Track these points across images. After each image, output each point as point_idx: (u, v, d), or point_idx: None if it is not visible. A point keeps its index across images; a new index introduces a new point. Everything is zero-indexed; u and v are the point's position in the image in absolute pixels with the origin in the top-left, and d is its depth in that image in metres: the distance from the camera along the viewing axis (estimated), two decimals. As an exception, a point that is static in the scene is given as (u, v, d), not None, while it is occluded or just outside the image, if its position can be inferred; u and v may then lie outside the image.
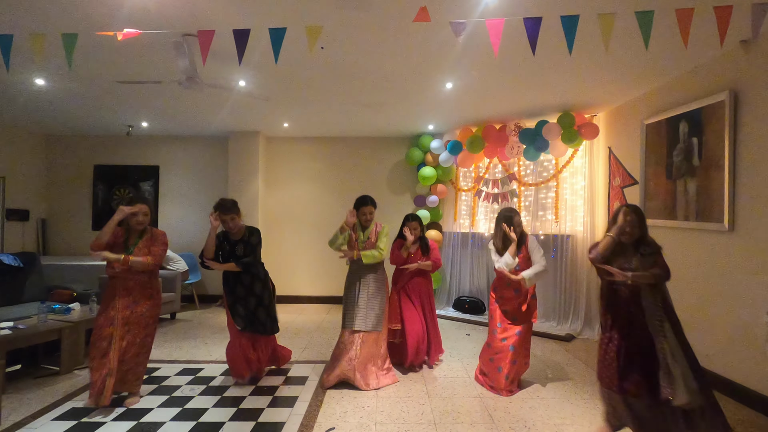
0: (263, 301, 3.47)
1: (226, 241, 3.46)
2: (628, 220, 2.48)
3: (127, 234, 3.13)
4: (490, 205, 6.02)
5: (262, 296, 3.47)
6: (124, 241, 3.09)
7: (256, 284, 3.47)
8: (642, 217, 2.51)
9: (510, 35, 2.97)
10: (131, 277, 3.06)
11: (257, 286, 3.47)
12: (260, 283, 3.49)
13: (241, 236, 3.46)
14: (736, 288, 3.26)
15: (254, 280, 3.46)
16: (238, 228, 3.44)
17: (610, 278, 2.48)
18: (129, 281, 3.06)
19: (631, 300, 2.45)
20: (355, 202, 3.64)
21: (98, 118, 5.71)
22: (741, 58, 3.24)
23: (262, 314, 3.46)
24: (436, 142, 6.11)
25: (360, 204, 3.61)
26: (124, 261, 2.98)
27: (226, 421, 2.87)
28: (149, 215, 3.15)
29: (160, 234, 3.21)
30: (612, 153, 4.96)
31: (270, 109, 5.22)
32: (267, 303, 3.49)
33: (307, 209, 6.83)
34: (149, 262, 3.06)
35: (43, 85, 4.30)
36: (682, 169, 3.79)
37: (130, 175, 6.90)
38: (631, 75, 3.92)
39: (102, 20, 2.88)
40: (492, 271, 6.06)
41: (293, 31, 2.80)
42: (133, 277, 3.06)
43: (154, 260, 3.09)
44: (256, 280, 3.47)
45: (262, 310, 3.46)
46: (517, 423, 2.88)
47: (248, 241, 3.46)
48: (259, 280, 3.49)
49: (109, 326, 2.98)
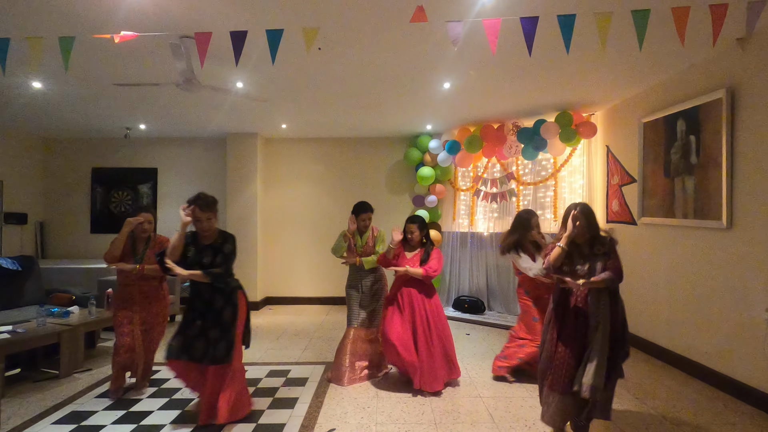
0: (222, 319, 2.82)
1: (194, 244, 2.86)
2: (577, 225, 2.47)
3: (133, 242, 3.32)
4: (488, 205, 6.02)
5: (221, 313, 2.82)
6: (131, 249, 3.30)
7: (217, 299, 2.83)
8: (592, 218, 2.50)
9: (507, 35, 2.97)
10: (146, 283, 3.32)
11: (218, 301, 2.83)
12: (223, 299, 2.84)
13: (212, 241, 2.88)
14: (734, 285, 3.27)
15: (215, 295, 2.83)
16: (212, 231, 2.89)
17: (563, 285, 2.51)
18: (144, 286, 3.32)
19: (578, 304, 2.49)
20: (354, 208, 3.68)
21: (96, 120, 5.70)
22: (738, 56, 3.24)
23: (214, 334, 2.77)
24: (434, 142, 6.11)
25: (359, 210, 3.66)
26: (139, 270, 3.24)
27: (226, 424, 2.86)
28: (153, 223, 3.36)
29: (165, 240, 3.36)
30: (610, 151, 4.96)
31: (268, 111, 5.21)
32: (227, 322, 2.81)
33: (306, 210, 6.83)
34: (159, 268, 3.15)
35: (40, 88, 4.30)
36: (680, 167, 3.80)
37: (129, 178, 6.89)
38: (629, 73, 3.92)
39: (99, 23, 2.88)
40: (491, 270, 6.07)
41: (290, 32, 2.79)
42: (147, 283, 3.32)
43: None
44: (218, 294, 2.83)
45: (216, 330, 2.78)
46: (518, 422, 2.88)
47: (220, 248, 2.87)
48: (223, 295, 2.85)
49: (129, 324, 3.26)
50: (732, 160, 3.28)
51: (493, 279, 6.08)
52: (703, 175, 3.54)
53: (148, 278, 3.32)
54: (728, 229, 3.31)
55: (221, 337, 2.77)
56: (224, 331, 2.79)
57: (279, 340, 4.83)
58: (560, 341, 2.51)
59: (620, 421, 2.87)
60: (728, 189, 3.28)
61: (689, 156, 3.69)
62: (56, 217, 6.89)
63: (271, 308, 6.59)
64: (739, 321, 3.22)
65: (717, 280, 3.43)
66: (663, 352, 4.03)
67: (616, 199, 4.82)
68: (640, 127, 4.34)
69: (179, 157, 6.91)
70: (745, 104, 3.19)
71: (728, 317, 3.33)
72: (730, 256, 3.31)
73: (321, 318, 5.90)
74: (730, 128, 3.28)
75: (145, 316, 3.32)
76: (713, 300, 3.47)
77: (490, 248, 6.07)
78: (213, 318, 2.80)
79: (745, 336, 3.16)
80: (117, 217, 6.88)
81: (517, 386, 3.49)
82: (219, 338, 2.76)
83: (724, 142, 3.30)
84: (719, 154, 3.35)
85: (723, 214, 3.30)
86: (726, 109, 3.28)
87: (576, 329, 2.47)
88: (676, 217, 3.83)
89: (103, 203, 6.90)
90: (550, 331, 2.59)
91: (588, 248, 2.52)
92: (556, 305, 2.58)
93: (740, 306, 3.22)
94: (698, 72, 3.64)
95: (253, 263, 6.41)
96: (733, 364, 3.29)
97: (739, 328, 3.22)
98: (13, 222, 6.23)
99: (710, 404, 3.15)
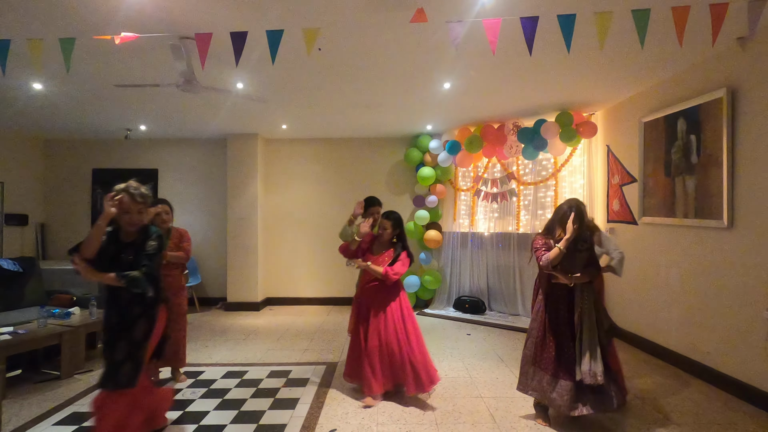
0: (133, 334, 2.32)
1: (114, 241, 2.38)
2: (575, 228, 2.66)
3: None
4: (489, 205, 6.02)
5: (133, 327, 2.33)
6: None
7: (134, 309, 2.35)
8: (584, 219, 2.73)
9: (507, 35, 2.98)
10: (169, 273, 3.42)
11: (134, 311, 2.35)
12: (140, 309, 2.36)
13: (134, 238, 2.42)
14: (735, 284, 3.27)
15: (132, 304, 2.36)
16: (134, 225, 2.42)
17: (555, 281, 2.78)
18: (168, 277, 3.38)
19: (566, 295, 2.78)
20: (364, 203, 3.64)
21: (96, 121, 5.70)
22: (738, 55, 3.24)
23: (121, 354, 2.29)
24: (434, 142, 6.11)
25: (369, 205, 3.66)
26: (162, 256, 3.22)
27: (227, 424, 2.86)
28: (170, 213, 3.45)
29: (184, 232, 3.55)
30: (610, 151, 4.96)
31: (268, 111, 5.22)
32: (138, 339, 2.33)
33: (306, 211, 6.83)
34: (182, 256, 3.45)
35: (40, 89, 4.30)
36: (681, 167, 3.79)
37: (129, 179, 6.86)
38: (629, 73, 3.92)
39: (99, 24, 2.88)
40: (492, 271, 6.07)
41: (290, 33, 2.79)
42: (170, 273, 3.44)
43: (186, 255, 3.49)
44: (136, 303, 2.36)
45: (124, 349, 2.30)
46: (519, 423, 2.88)
47: (142, 246, 2.39)
48: (142, 305, 2.37)
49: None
50: (733, 159, 3.27)
51: (493, 279, 6.07)
52: (703, 174, 3.54)
53: (171, 269, 3.44)
54: (729, 229, 3.31)
55: (128, 357, 2.30)
56: (132, 349, 2.31)
57: (279, 341, 4.83)
58: (550, 328, 2.78)
59: (621, 421, 2.87)
60: (729, 188, 3.28)
61: (690, 155, 3.69)
62: (57, 219, 6.89)
63: (272, 309, 6.59)
64: (740, 320, 3.22)
65: (718, 280, 3.42)
66: (663, 351, 4.03)
67: (616, 198, 4.82)
68: (640, 127, 4.34)
69: (180, 158, 6.92)
70: (746, 103, 3.19)
71: (729, 316, 3.32)
72: (730, 256, 3.31)
73: (322, 318, 5.90)
74: (731, 127, 3.28)
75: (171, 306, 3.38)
76: (714, 299, 3.47)
77: (491, 248, 6.07)
78: (123, 332, 2.33)
79: (746, 335, 3.16)
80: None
81: (518, 386, 3.48)
82: (125, 358, 2.29)
83: (724, 142, 3.30)
84: (720, 154, 3.34)
85: (724, 214, 3.30)
86: (726, 109, 3.28)
87: (565, 317, 2.75)
88: (677, 216, 3.83)
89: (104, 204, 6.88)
90: (539, 319, 2.84)
91: (572, 244, 2.72)
92: (546, 296, 2.84)
93: (741, 305, 3.21)
94: (698, 71, 3.64)
95: (253, 264, 6.42)
96: (733, 364, 3.28)
97: (740, 327, 3.22)
98: (13, 223, 6.23)
99: (711, 404, 3.14)
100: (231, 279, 6.44)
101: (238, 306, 6.38)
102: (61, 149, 6.90)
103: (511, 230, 5.86)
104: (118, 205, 2.35)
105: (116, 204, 2.34)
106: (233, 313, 6.22)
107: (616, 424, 2.83)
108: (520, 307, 5.76)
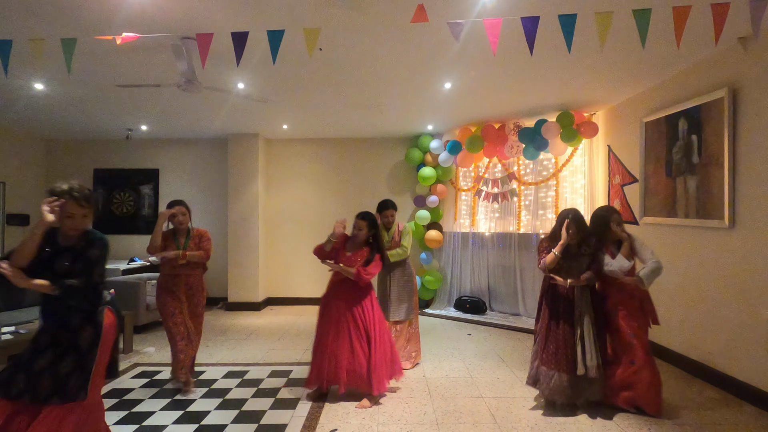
0: (78, 343, 2.11)
1: (51, 245, 2.14)
2: (570, 234, 2.92)
3: (175, 236, 3.45)
4: (490, 205, 6.02)
5: (77, 336, 2.11)
6: (174, 243, 3.42)
7: (74, 318, 2.12)
8: (582, 224, 2.98)
9: (508, 35, 2.98)
10: (191, 273, 3.44)
11: (74, 320, 2.12)
12: (81, 316, 2.14)
13: (74, 242, 2.17)
14: (736, 285, 3.26)
15: (72, 313, 2.12)
16: (77, 230, 2.17)
17: (552, 281, 3.03)
18: (190, 277, 3.43)
19: (565, 296, 3.02)
20: (378, 206, 3.85)
21: (98, 121, 5.71)
22: (739, 55, 3.23)
23: (67, 367, 2.07)
24: (435, 142, 6.11)
25: (382, 208, 3.82)
26: (182, 255, 3.34)
27: (228, 424, 2.86)
28: (187, 214, 3.46)
29: (204, 232, 3.55)
30: (611, 151, 4.96)
31: (269, 111, 5.22)
32: (84, 348, 2.11)
33: (307, 210, 6.83)
34: (203, 255, 3.44)
35: (42, 89, 4.31)
36: (682, 167, 3.79)
37: (130, 179, 6.91)
38: (630, 73, 3.92)
39: (100, 25, 2.89)
40: (493, 271, 6.07)
41: (291, 33, 2.80)
42: (192, 273, 3.45)
43: (206, 254, 3.48)
44: (76, 312, 2.13)
45: (70, 361, 2.07)
46: (520, 423, 2.88)
47: (82, 252, 2.15)
48: (82, 311, 2.14)
49: (180, 314, 3.37)
50: (734, 159, 3.27)
51: (494, 279, 6.07)
52: (705, 174, 3.53)
53: (192, 268, 3.44)
54: (730, 229, 3.30)
55: (75, 367, 2.08)
56: (80, 359, 2.09)
57: (280, 341, 4.84)
58: (551, 326, 3.02)
59: (622, 422, 2.87)
60: (730, 188, 3.27)
61: (691, 155, 3.68)
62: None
63: (273, 309, 6.60)
64: (742, 321, 3.21)
65: (719, 280, 3.42)
66: (665, 352, 4.02)
67: (617, 198, 4.81)
68: (641, 127, 4.34)
69: (181, 158, 6.93)
70: (747, 103, 3.18)
71: (731, 317, 3.32)
72: (732, 256, 3.30)
73: (322, 318, 5.89)
74: (732, 127, 3.27)
75: (189, 306, 3.45)
76: (716, 300, 3.46)
77: (492, 248, 6.06)
78: (67, 343, 2.10)
79: (748, 336, 3.16)
80: (119, 218, 6.90)
81: (519, 387, 3.48)
82: (72, 369, 2.07)
83: (726, 142, 3.29)
84: (721, 154, 3.34)
85: (725, 214, 3.30)
86: (728, 109, 3.28)
87: (564, 316, 2.98)
88: (678, 216, 3.83)
89: (105, 204, 6.91)
90: (542, 319, 3.10)
91: (576, 248, 3.01)
92: (545, 294, 3.11)
93: (743, 306, 3.21)
94: (700, 71, 3.64)
95: (254, 264, 6.43)
96: (735, 364, 3.28)
97: (742, 327, 3.21)
98: (15, 223, 6.24)
99: (713, 404, 3.14)
100: (232, 279, 6.45)
101: (239, 306, 6.38)
102: (63, 149, 6.92)
103: (512, 230, 5.85)
104: (59, 211, 2.07)
105: (55, 210, 2.05)
106: (234, 313, 6.23)
107: (617, 425, 2.82)
108: (521, 307, 5.75)
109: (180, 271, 3.39)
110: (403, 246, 3.79)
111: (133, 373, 3.81)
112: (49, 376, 2.04)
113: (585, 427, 2.82)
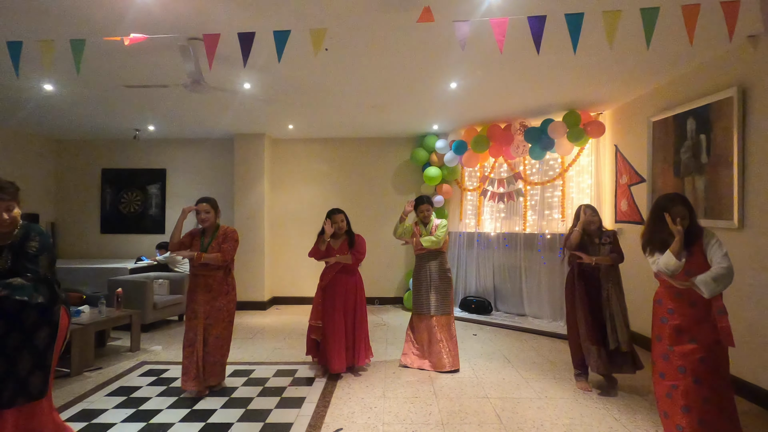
0: (34, 343, 2.07)
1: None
2: (588, 213, 3.32)
3: (203, 234, 3.40)
4: (495, 205, 6.00)
5: (33, 335, 2.07)
6: (200, 241, 3.37)
7: (28, 316, 2.06)
8: (596, 212, 3.38)
9: (514, 34, 2.96)
10: (210, 274, 3.31)
11: (29, 319, 2.06)
12: (36, 314, 2.08)
13: (10, 240, 2.09)
14: (745, 285, 3.22)
15: (24, 312, 2.06)
16: (9, 226, 2.09)
17: (579, 261, 3.35)
18: (209, 278, 3.31)
19: (592, 276, 3.36)
20: (415, 201, 4.00)
21: (106, 122, 5.77)
22: (749, 54, 3.20)
23: (26, 364, 2.04)
24: (441, 142, 6.10)
25: (419, 203, 3.99)
26: (197, 257, 3.23)
27: (234, 422, 2.88)
28: (211, 212, 3.35)
29: (231, 231, 3.40)
30: (619, 151, 4.92)
31: (275, 112, 5.24)
32: (41, 347, 2.08)
33: (313, 210, 6.83)
34: (219, 257, 3.26)
35: (51, 90, 4.36)
36: (690, 167, 3.75)
37: (138, 179, 6.97)
38: (637, 72, 3.89)
39: (109, 26, 2.91)
40: (498, 271, 6.04)
41: (297, 33, 2.81)
42: (211, 274, 3.31)
43: (224, 256, 3.29)
44: (30, 310, 2.06)
45: (28, 362, 2.04)
46: (526, 423, 2.87)
47: (21, 248, 2.08)
48: (37, 309, 2.08)
49: (194, 319, 3.28)
50: (743, 159, 3.23)
51: (499, 279, 6.05)
52: (713, 174, 3.49)
53: (212, 269, 3.30)
54: (739, 229, 3.27)
55: (34, 367, 2.05)
56: (38, 360, 2.06)
57: (286, 340, 4.85)
58: (583, 307, 3.34)
59: (629, 423, 2.85)
60: (739, 189, 3.24)
61: (699, 155, 3.65)
62: (67, 218, 6.98)
63: (279, 308, 6.62)
64: (750, 321, 3.17)
65: (728, 281, 3.38)
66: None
67: (624, 198, 4.78)
68: (649, 126, 4.30)
69: (187, 158, 6.97)
70: (757, 102, 3.15)
71: (739, 317, 3.27)
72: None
73: (328, 318, 5.90)
74: (742, 127, 3.24)
75: (209, 309, 3.29)
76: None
77: (497, 248, 6.04)
78: (21, 343, 2.04)
79: (756, 336, 3.12)
80: (126, 217, 6.96)
81: (525, 387, 3.47)
82: (32, 369, 2.04)
83: (735, 141, 3.26)
84: (730, 154, 3.30)
85: (734, 214, 3.26)
86: (737, 108, 3.24)
87: (591, 296, 3.33)
88: (686, 217, 3.79)
89: (113, 204, 6.98)
90: (570, 301, 3.45)
91: (597, 237, 3.37)
92: (573, 275, 3.43)
93: (751, 306, 3.17)
94: (708, 70, 3.60)
95: (260, 263, 6.45)
96: (743, 365, 3.24)
97: (750, 328, 3.17)
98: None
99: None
100: (238, 278, 6.40)
101: (245, 305, 6.41)
102: (72, 149, 6.99)
103: (518, 230, 5.83)
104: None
105: None
106: (240, 312, 6.25)
107: (624, 426, 2.80)
108: (527, 307, 5.72)
109: (199, 272, 3.30)
110: (436, 235, 3.89)
111: (140, 371, 3.84)
112: (10, 381, 2.00)
113: (591, 427, 2.80)
